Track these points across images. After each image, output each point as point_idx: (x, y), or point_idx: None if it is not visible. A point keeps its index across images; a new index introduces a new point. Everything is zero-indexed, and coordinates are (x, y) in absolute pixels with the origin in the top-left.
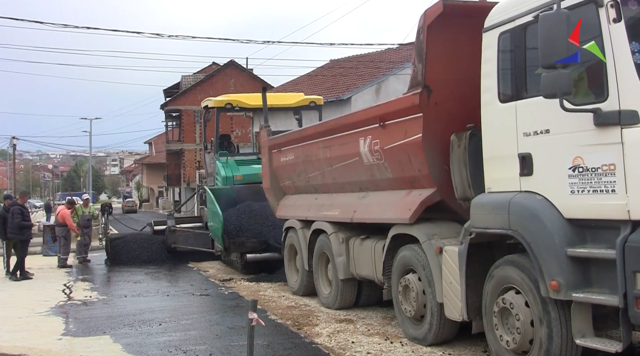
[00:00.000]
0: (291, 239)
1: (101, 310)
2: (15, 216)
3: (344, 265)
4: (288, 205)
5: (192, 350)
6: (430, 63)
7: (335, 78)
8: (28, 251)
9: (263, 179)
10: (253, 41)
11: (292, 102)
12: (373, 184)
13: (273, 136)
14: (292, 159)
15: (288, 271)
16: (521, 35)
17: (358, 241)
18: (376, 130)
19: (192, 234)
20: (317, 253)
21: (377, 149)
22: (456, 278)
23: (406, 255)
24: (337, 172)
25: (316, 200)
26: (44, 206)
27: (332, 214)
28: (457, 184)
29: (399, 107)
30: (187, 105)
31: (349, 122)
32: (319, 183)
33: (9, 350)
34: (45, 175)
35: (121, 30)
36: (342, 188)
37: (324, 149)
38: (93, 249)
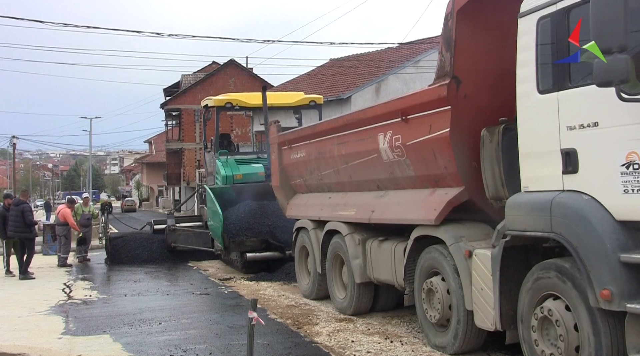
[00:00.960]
0: (302, 240)
1: (101, 309)
2: (27, 214)
3: (360, 268)
4: (299, 204)
5: (192, 349)
6: (459, 52)
7: (335, 77)
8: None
9: (272, 177)
10: (253, 40)
11: (292, 102)
12: (393, 183)
13: (283, 132)
14: (303, 156)
15: (299, 274)
16: (564, 20)
17: (376, 243)
18: (397, 125)
19: (192, 233)
20: (330, 255)
21: (398, 145)
22: (488, 284)
23: (430, 258)
24: (353, 170)
25: (330, 199)
26: (43, 205)
27: (348, 214)
28: (489, 182)
29: (423, 100)
30: (187, 104)
31: (367, 116)
32: (332, 181)
33: (9, 349)
34: (45, 174)
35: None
36: (358, 187)
37: (338, 146)
38: (93, 248)
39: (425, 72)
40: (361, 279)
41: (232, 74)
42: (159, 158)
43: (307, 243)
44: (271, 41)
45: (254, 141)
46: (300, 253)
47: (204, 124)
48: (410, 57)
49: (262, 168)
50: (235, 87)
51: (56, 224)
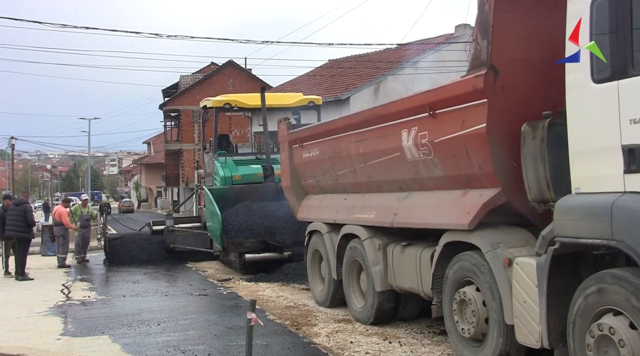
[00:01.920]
0: (316, 244)
1: (100, 310)
2: (29, 214)
3: (381, 276)
4: (312, 206)
5: (191, 350)
6: (497, 39)
7: (333, 78)
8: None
9: (282, 177)
10: (252, 41)
11: (291, 102)
12: (417, 183)
13: (294, 130)
14: (316, 155)
15: (312, 280)
16: (626, 1)
17: (398, 249)
18: (424, 120)
19: (191, 234)
20: (347, 260)
21: (424, 143)
22: (533, 297)
23: (463, 266)
24: (373, 170)
25: (345, 201)
26: (42, 206)
27: (367, 217)
28: (532, 183)
29: (456, 93)
30: (185, 105)
31: (388, 112)
32: (349, 181)
33: (8, 350)
34: (44, 175)
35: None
36: (378, 188)
37: (356, 144)
38: (92, 249)
39: (424, 73)
40: (382, 287)
41: (231, 75)
42: (158, 159)
43: (320, 247)
44: (270, 42)
45: (253, 142)
46: (313, 257)
47: (202, 125)
48: (409, 58)
49: (260, 169)
50: (234, 88)
51: (53, 224)
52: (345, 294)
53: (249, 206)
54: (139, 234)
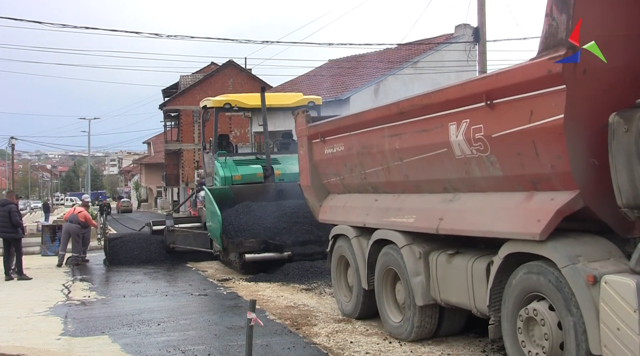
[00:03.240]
0: (342, 249)
1: (100, 310)
2: (13, 214)
3: (422, 288)
4: (336, 207)
5: (191, 350)
6: (579, 13)
7: (333, 78)
8: (23, 252)
9: (301, 175)
10: (252, 41)
11: (291, 102)
12: (467, 184)
13: (315, 123)
14: (341, 151)
15: (337, 288)
16: None
17: (443, 258)
18: (479, 111)
19: (191, 234)
20: (381, 269)
21: (479, 138)
22: (631, 324)
23: (529, 280)
24: (411, 168)
25: (377, 202)
26: (42, 206)
27: (404, 221)
28: (623, 185)
29: (523, 78)
30: (185, 105)
31: (433, 102)
32: (380, 180)
33: (8, 350)
34: (44, 175)
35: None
36: (416, 188)
37: (391, 138)
38: (92, 249)
39: (424, 73)
40: (424, 301)
41: (231, 75)
42: (158, 159)
43: (347, 252)
44: (270, 42)
45: (253, 142)
46: (339, 263)
47: (202, 125)
48: (409, 58)
49: (260, 169)
50: (234, 88)
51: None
52: (379, 306)
53: (249, 206)
54: (139, 234)
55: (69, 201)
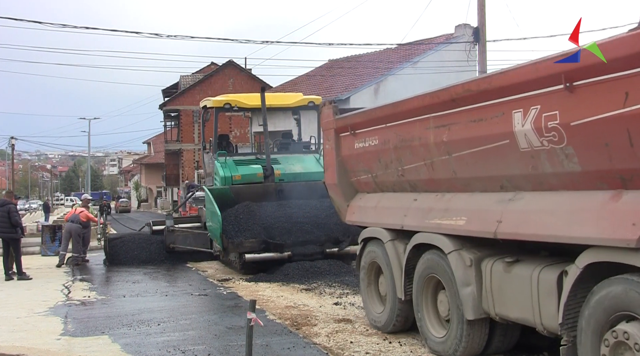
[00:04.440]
0: (373, 254)
1: (100, 310)
2: (13, 214)
3: (473, 300)
4: (366, 207)
5: (191, 350)
6: None
7: (333, 78)
8: (23, 252)
9: (326, 172)
10: (252, 41)
11: (291, 102)
12: (532, 181)
13: (344, 115)
14: (375, 145)
15: (367, 298)
16: None
17: (500, 266)
18: (554, 95)
19: (191, 234)
20: (421, 277)
21: (552, 127)
22: None
23: (619, 295)
24: (461, 163)
25: (416, 202)
26: (42, 206)
27: (453, 223)
28: None
29: (617, 54)
30: (185, 105)
31: (494, 86)
32: (421, 177)
33: (8, 350)
34: (44, 175)
35: (120, 31)
36: (466, 186)
37: (437, 130)
38: (92, 249)
39: (424, 73)
40: (475, 314)
41: (231, 75)
42: (158, 159)
43: (380, 258)
44: (270, 42)
45: (253, 142)
46: (369, 270)
47: (202, 125)
48: (409, 58)
49: (260, 169)
50: (234, 88)
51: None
52: (418, 319)
53: (249, 206)
54: (139, 234)
55: (69, 201)
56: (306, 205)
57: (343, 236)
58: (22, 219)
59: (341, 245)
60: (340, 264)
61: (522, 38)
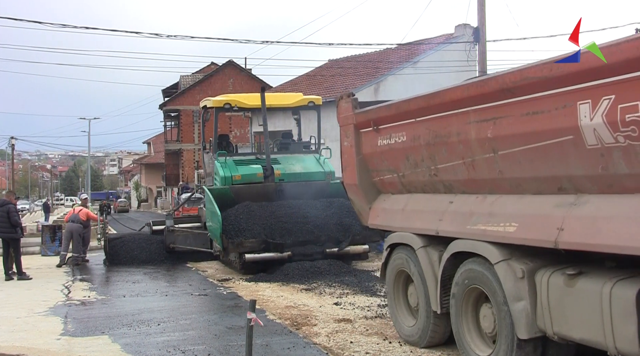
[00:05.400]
0: (401, 261)
1: (100, 310)
2: (12, 214)
3: (526, 317)
4: (392, 210)
5: (191, 350)
6: None
7: (333, 78)
8: (24, 252)
9: (345, 171)
10: (252, 41)
11: (291, 102)
12: (600, 182)
13: (365, 109)
14: (402, 142)
15: (395, 310)
16: None
17: (559, 279)
18: (634, 83)
19: (191, 234)
20: (460, 288)
21: (631, 120)
22: None
23: None
24: (509, 162)
25: (452, 205)
26: (42, 205)
27: (500, 230)
28: None
29: None
30: (185, 105)
31: (555, 74)
32: (459, 177)
33: (8, 350)
34: (44, 175)
35: (120, 31)
36: (514, 187)
37: (479, 124)
38: (92, 249)
39: (424, 73)
40: (529, 333)
41: (231, 75)
42: (158, 159)
43: (410, 266)
44: (270, 42)
45: (253, 142)
46: (397, 279)
47: (202, 125)
48: (409, 58)
49: (260, 169)
50: (234, 88)
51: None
52: (457, 335)
53: (249, 206)
54: (139, 234)
55: (69, 201)
56: (306, 205)
57: (343, 236)
58: (21, 219)
59: (341, 245)
60: (340, 264)
61: (522, 38)
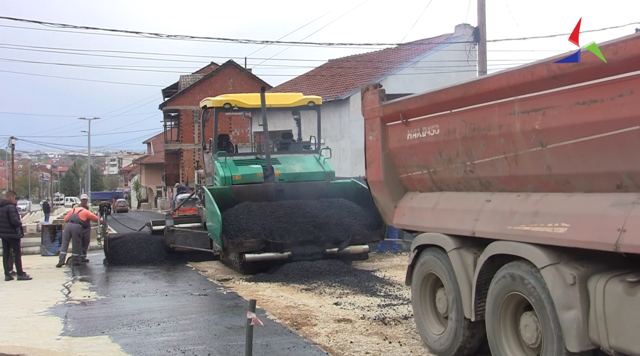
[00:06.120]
0: (430, 264)
1: (100, 310)
2: (12, 214)
3: (577, 327)
4: (420, 209)
5: (191, 350)
6: None
7: (333, 78)
8: (24, 252)
9: (369, 167)
10: (252, 41)
11: (291, 102)
12: None
13: (394, 100)
14: (434, 135)
15: (421, 316)
16: None
17: (618, 286)
18: None
19: (191, 234)
20: (499, 294)
21: None
22: None
23: None
24: (561, 156)
25: (490, 203)
26: (42, 205)
27: (549, 231)
28: None
29: None
30: (185, 105)
31: (620, 56)
32: (498, 174)
33: (8, 350)
34: (44, 175)
35: (120, 30)
36: (563, 184)
37: (526, 116)
38: (92, 249)
39: (424, 73)
40: (580, 345)
41: (231, 75)
42: (158, 159)
43: (440, 270)
44: (270, 42)
45: (253, 142)
46: (424, 283)
47: (202, 125)
48: (409, 58)
49: (260, 169)
50: (234, 88)
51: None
52: (493, 346)
53: (249, 206)
54: (139, 234)
55: (69, 201)
56: (306, 205)
57: (343, 236)
58: (21, 219)
59: (341, 245)
60: (340, 264)
61: (522, 38)
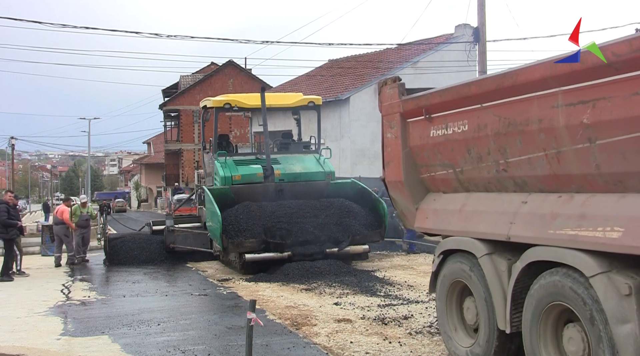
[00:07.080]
0: (457, 271)
1: (100, 310)
2: (1, 214)
3: (635, 343)
4: (445, 211)
5: (191, 350)
6: None
7: (333, 78)
8: (24, 251)
9: (388, 167)
10: (252, 41)
11: (291, 102)
12: None
13: (415, 95)
14: (462, 132)
15: (447, 327)
16: None
17: None
18: None
19: (191, 234)
20: (538, 304)
21: None
22: None
23: None
24: (613, 153)
25: (526, 205)
26: (42, 206)
27: (599, 236)
28: None
29: None
30: (185, 105)
31: None
32: (537, 173)
33: (8, 350)
34: (44, 175)
35: (120, 30)
36: (612, 185)
37: (571, 109)
38: (92, 249)
39: (424, 73)
40: None
41: (231, 75)
42: (158, 159)
43: (469, 277)
44: (270, 42)
45: (253, 142)
46: (450, 292)
47: (202, 125)
48: (409, 58)
49: (260, 169)
50: (234, 88)
51: (54, 223)
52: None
53: (249, 206)
54: (139, 234)
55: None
56: (306, 205)
57: (343, 236)
58: (21, 219)
59: (341, 245)
60: (340, 264)
61: (522, 38)
